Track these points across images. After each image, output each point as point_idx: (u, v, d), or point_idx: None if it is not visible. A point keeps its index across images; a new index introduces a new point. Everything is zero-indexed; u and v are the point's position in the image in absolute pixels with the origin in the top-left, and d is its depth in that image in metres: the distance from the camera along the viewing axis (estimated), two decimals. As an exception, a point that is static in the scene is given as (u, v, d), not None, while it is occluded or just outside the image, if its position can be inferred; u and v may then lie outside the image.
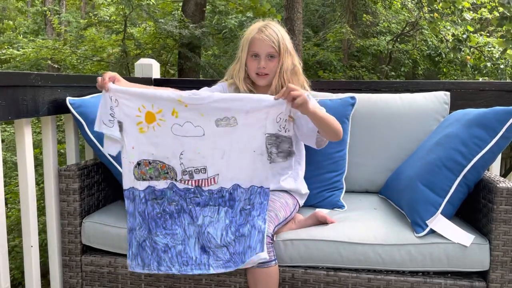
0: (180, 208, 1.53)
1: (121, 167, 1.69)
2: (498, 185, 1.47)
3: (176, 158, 1.51)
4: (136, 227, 1.54)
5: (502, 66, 6.17)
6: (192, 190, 1.52)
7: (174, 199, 1.53)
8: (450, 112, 1.98)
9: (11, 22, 14.28)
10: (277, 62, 1.73)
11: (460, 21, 6.19)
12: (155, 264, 1.51)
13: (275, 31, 1.73)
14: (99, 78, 1.50)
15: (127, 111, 1.50)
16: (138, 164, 1.52)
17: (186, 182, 1.52)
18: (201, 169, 1.50)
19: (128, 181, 1.54)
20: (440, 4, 5.97)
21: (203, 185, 1.51)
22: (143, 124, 1.50)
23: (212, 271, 1.47)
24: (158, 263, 1.51)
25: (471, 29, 6.35)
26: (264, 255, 1.43)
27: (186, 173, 1.51)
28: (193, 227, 1.51)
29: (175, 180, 1.52)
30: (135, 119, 1.50)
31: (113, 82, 1.52)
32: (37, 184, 1.69)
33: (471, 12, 6.92)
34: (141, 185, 1.53)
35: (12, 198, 4.21)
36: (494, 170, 2.07)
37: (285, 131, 1.46)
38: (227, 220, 1.49)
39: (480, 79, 6.58)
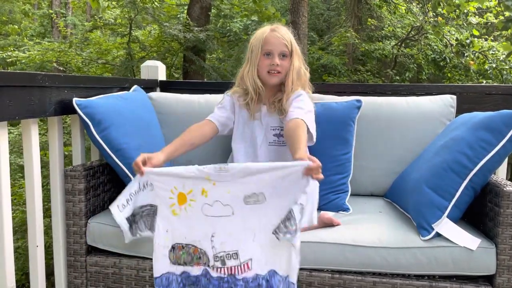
0: None
1: (127, 168, 1.70)
2: (504, 189, 1.46)
3: (207, 241, 1.44)
4: None
5: (507, 67, 6.15)
6: (226, 279, 1.42)
7: (208, 287, 1.45)
8: (456, 116, 1.98)
9: (16, 26, 14.37)
10: (289, 61, 1.74)
11: (465, 25, 6.18)
12: None
13: (286, 32, 1.77)
14: (132, 166, 1.47)
15: (161, 193, 1.46)
16: (173, 248, 1.47)
17: (219, 270, 1.42)
18: (233, 254, 1.42)
19: (162, 266, 1.47)
20: (445, 9, 5.97)
21: (236, 273, 1.41)
22: (176, 207, 1.46)
23: None
24: None
25: (476, 33, 6.34)
26: None
27: (218, 259, 1.43)
28: None
29: (208, 266, 1.44)
30: (169, 201, 1.46)
31: (145, 164, 1.47)
32: (41, 186, 1.69)
33: (477, 16, 6.92)
34: (178, 270, 1.47)
35: (17, 200, 4.22)
36: (500, 174, 2.06)
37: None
38: None
39: (484, 82, 6.56)
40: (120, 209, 1.48)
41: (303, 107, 1.67)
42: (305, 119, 1.60)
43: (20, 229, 3.75)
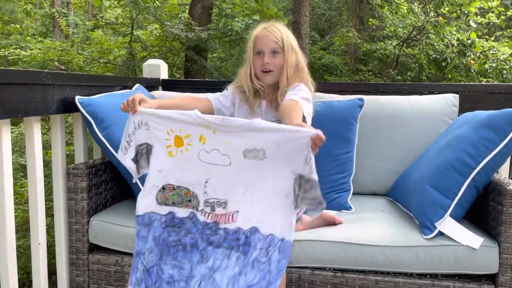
0: (194, 242, 1.42)
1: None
2: (507, 187, 1.46)
3: (200, 186, 1.42)
4: (146, 251, 1.44)
5: (507, 67, 6.15)
6: (210, 225, 1.41)
7: (191, 231, 1.43)
8: (458, 115, 1.98)
9: (18, 26, 14.38)
10: (281, 58, 1.72)
11: (466, 27, 6.17)
12: None
13: (278, 28, 1.75)
14: (127, 101, 1.43)
15: (157, 134, 1.44)
16: (163, 188, 1.45)
17: (206, 215, 1.41)
18: (222, 203, 1.40)
19: (146, 206, 1.46)
20: (447, 9, 5.96)
21: (220, 221, 1.40)
22: (172, 148, 1.43)
23: None
24: None
25: (474, 36, 6.33)
26: None
27: (208, 204, 1.41)
28: (200, 267, 1.39)
29: (197, 209, 1.43)
30: (165, 142, 1.43)
31: (139, 104, 1.46)
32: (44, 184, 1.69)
33: (479, 16, 6.91)
34: (163, 210, 1.45)
35: (18, 199, 4.22)
36: (503, 173, 2.05)
37: (314, 174, 1.29)
38: (237, 269, 1.35)
39: (484, 81, 6.55)
40: (124, 152, 1.47)
41: (299, 94, 1.65)
42: (299, 102, 1.59)
43: (21, 228, 3.75)
